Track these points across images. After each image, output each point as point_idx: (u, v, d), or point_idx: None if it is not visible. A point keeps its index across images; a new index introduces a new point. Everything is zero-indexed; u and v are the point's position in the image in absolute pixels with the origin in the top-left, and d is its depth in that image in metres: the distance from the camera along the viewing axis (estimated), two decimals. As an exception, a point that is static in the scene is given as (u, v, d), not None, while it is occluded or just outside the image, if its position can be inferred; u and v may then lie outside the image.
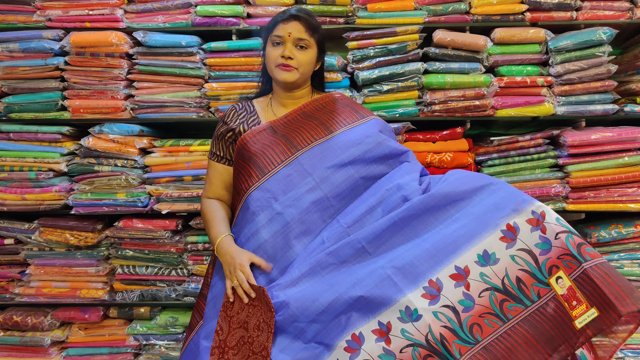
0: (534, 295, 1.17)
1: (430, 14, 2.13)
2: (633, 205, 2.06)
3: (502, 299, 1.18)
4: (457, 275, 1.20)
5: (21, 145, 2.17)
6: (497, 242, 1.21)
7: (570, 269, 1.15)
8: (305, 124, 1.54)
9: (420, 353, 1.16)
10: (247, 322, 1.29)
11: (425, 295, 1.19)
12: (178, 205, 2.15)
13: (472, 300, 1.18)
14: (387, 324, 1.19)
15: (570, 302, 1.13)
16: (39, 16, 2.15)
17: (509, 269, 1.19)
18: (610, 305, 1.08)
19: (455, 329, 1.17)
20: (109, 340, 2.25)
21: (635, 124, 2.10)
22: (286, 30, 1.50)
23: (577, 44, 2.03)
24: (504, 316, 1.17)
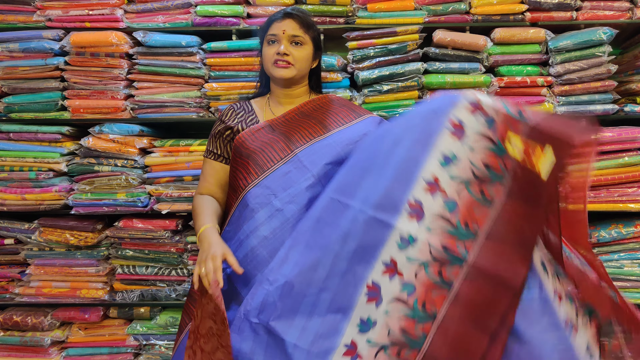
0: (502, 169, 1.19)
1: (430, 14, 2.13)
2: (633, 205, 2.06)
3: (480, 186, 1.19)
4: (430, 186, 1.21)
5: (21, 145, 2.17)
6: (450, 142, 1.23)
7: (519, 129, 1.18)
8: (303, 122, 1.55)
9: (432, 269, 1.17)
10: (215, 314, 1.25)
11: (411, 217, 1.20)
12: (178, 205, 2.15)
13: (454, 201, 1.19)
14: (391, 260, 1.19)
15: (530, 157, 1.15)
16: (39, 16, 2.15)
17: (472, 158, 1.21)
18: (561, 141, 1.11)
19: (452, 232, 1.18)
20: (109, 340, 2.25)
21: (635, 124, 2.10)
22: (280, 28, 1.52)
23: (577, 44, 2.03)
24: (488, 200, 1.18)
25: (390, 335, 1.17)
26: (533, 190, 1.15)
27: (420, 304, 1.17)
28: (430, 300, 1.16)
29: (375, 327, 1.18)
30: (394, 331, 1.17)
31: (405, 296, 1.18)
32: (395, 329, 1.17)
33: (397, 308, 1.18)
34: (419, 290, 1.17)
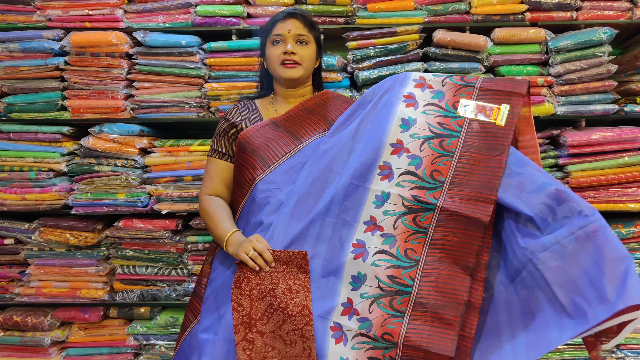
0: (457, 127, 1.34)
1: (430, 14, 2.13)
2: (633, 205, 2.06)
3: (439, 141, 1.34)
4: (395, 149, 1.35)
5: (21, 145, 2.17)
6: (405, 109, 1.38)
7: (468, 95, 1.37)
8: (307, 118, 1.56)
9: (407, 219, 1.30)
10: (274, 289, 1.29)
11: (383, 177, 1.34)
12: (178, 205, 2.15)
13: (417, 157, 1.34)
14: (371, 217, 1.33)
15: (485, 113, 1.33)
16: (39, 16, 2.15)
17: (428, 119, 1.36)
18: (511, 94, 1.35)
19: (420, 185, 1.31)
20: (109, 340, 2.25)
21: (635, 124, 2.10)
22: (285, 27, 1.52)
23: (577, 44, 2.03)
24: (448, 152, 1.33)
25: (380, 285, 1.27)
26: (490, 138, 1.30)
27: (402, 252, 1.29)
28: (411, 247, 1.29)
29: (366, 280, 1.29)
30: (383, 280, 1.28)
31: (387, 247, 1.30)
32: (383, 278, 1.28)
33: (382, 258, 1.29)
34: (399, 240, 1.30)
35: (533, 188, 1.22)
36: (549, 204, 1.19)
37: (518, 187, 1.24)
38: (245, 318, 1.29)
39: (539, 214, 1.20)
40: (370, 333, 1.25)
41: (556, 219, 1.18)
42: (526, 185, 1.23)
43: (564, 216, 1.17)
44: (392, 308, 1.26)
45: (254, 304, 1.30)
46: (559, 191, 1.19)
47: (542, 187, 1.21)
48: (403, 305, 1.25)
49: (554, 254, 1.15)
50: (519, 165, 1.27)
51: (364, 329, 1.26)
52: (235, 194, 1.56)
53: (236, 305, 1.30)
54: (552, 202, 1.19)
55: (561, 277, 1.14)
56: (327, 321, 1.28)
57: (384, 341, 1.24)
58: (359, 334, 1.26)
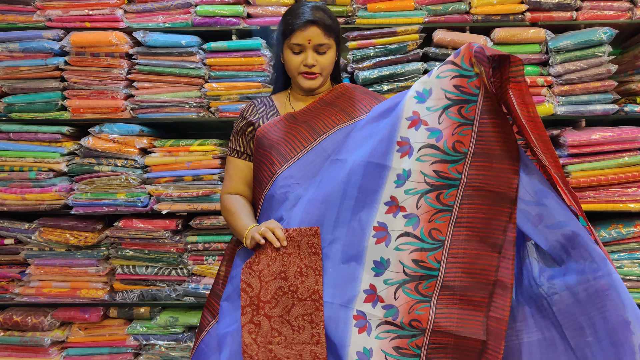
0: (474, 89, 1.23)
1: (430, 14, 2.13)
2: (633, 205, 2.06)
3: (458, 108, 1.24)
4: (412, 121, 1.27)
5: (21, 145, 2.17)
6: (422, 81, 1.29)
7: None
8: (326, 110, 1.52)
9: (431, 197, 1.23)
10: (285, 271, 1.26)
11: (402, 154, 1.26)
12: (178, 205, 2.15)
13: (437, 129, 1.25)
14: (392, 197, 1.26)
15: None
16: (39, 16, 2.15)
17: (443, 85, 1.26)
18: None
19: (442, 158, 1.23)
20: (109, 340, 2.25)
21: (635, 124, 2.10)
22: (305, 37, 1.46)
23: (577, 44, 2.03)
24: (468, 119, 1.23)
25: (405, 271, 1.22)
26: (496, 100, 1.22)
27: (426, 233, 1.23)
28: (436, 227, 1.22)
29: (390, 265, 1.23)
30: (408, 265, 1.22)
31: (411, 229, 1.24)
32: (408, 263, 1.22)
33: (406, 242, 1.23)
34: (423, 220, 1.23)
35: (551, 224, 1.18)
36: (563, 244, 1.17)
37: (537, 218, 1.19)
38: (254, 299, 1.25)
39: (553, 250, 1.18)
40: (397, 320, 1.21)
41: (570, 259, 1.16)
42: (545, 218, 1.19)
43: (577, 260, 1.15)
44: (419, 293, 1.21)
45: (264, 285, 1.26)
46: (574, 234, 1.15)
47: (559, 225, 1.17)
48: (430, 289, 1.21)
49: (564, 299, 1.14)
50: (543, 195, 1.20)
51: (390, 317, 1.21)
52: (255, 190, 1.54)
53: (245, 285, 1.26)
54: (566, 243, 1.16)
55: (571, 322, 1.14)
56: (349, 310, 1.24)
57: (412, 328, 1.20)
58: (385, 322, 1.22)
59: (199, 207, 2.15)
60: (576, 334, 1.13)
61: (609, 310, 1.09)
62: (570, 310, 1.14)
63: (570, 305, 1.14)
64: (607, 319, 1.09)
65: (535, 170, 1.23)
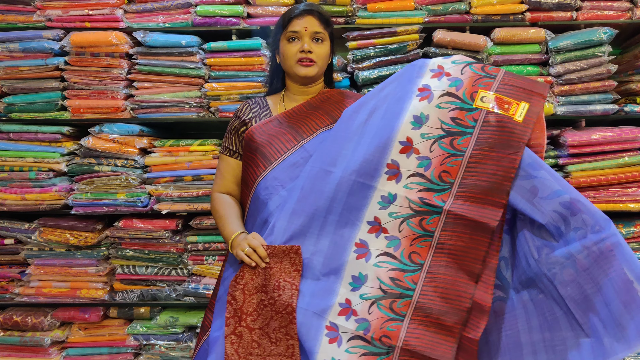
0: (471, 122, 1.26)
1: (430, 14, 2.13)
2: (633, 205, 2.06)
3: (451, 140, 1.27)
4: (404, 147, 1.29)
5: (21, 145, 2.17)
6: (418, 104, 1.30)
7: (487, 86, 1.28)
8: (310, 114, 1.55)
9: (413, 222, 1.27)
10: (265, 285, 1.29)
11: (390, 177, 1.29)
12: (178, 205, 2.15)
13: (427, 158, 1.28)
14: (375, 218, 1.29)
15: (503, 107, 1.25)
16: (39, 16, 2.15)
17: (441, 116, 1.28)
18: (532, 93, 1.27)
19: (428, 187, 1.27)
20: (109, 340, 2.25)
21: (635, 124, 2.10)
22: (302, 25, 1.50)
23: (577, 44, 2.03)
24: (459, 151, 1.26)
25: (382, 287, 1.25)
26: (506, 134, 1.23)
27: (406, 255, 1.26)
28: (416, 251, 1.26)
29: (367, 281, 1.26)
30: (385, 282, 1.25)
31: (392, 250, 1.27)
32: (385, 280, 1.25)
33: (385, 261, 1.27)
34: (404, 243, 1.27)
35: (547, 194, 1.17)
36: (562, 213, 1.16)
37: (531, 192, 1.19)
38: (237, 312, 1.29)
39: (551, 222, 1.17)
40: (367, 335, 1.23)
41: (569, 229, 1.15)
42: (540, 190, 1.18)
43: (578, 227, 1.14)
44: (393, 311, 1.24)
45: (247, 298, 1.30)
46: (573, 201, 1.15)
47: (556, 194, 1.16)
48: (404, 308, 1.23)
49: (567, 270, 1.13)
50: (533, 168, 1.21)
51: (362, 330, 1.24)
52: (242, 192, 1.55)
53: (230, 298, 1.30)
54: (565, 212, 1.15)
55: (576, 294, 1.12)
56: (322, 319, 1.26)
57: (382, 345, 1.22)
58: (356, 337, 1.24)
59: (199, 207, 2.15)
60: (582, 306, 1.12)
61: (616, 270, 1.08)
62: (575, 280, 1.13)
63: (575, 275, 1.12)
64: (614, 280, 1.07)
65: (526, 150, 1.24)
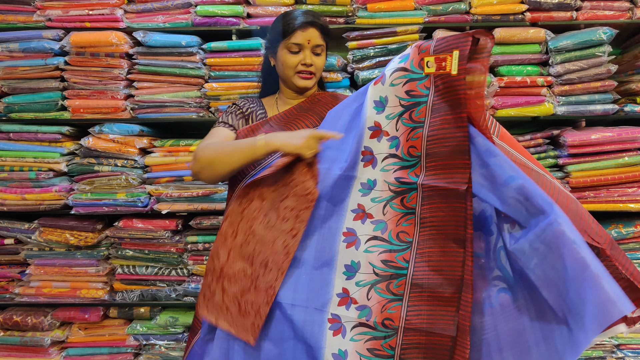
0: (423, 90, 1.28)
1: (430, 14, 2.13)
2: (633, 205, 2.06)
3: (409, 113, 1.29)
4: (374, 132, 1.32)
5: (21, 145, 2.17)
6: (374, 88, 1.32)
7: (427, 49, 1.28)
8: (301, 116, 1.57)
9: (396, 202, 1.29)
10: (253, 256, 1.30)
11: (366, 163, 1.32)
12: (178, 205, 2.15)
13: (395, 137, 1.30)
14: (359, 205, 1.31)
15: (441, 65, 1.26)
16: (39, 16, 2.15)
17: (397, 92, 1.30)
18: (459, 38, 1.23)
19: (402, 165, 1.29)
20: (109, 340, 2.25)
21: (635, 124, 2.10)
22: (305, 37, 1.51)
23: (577, 44, 2.03)
24: (418, 122, 1.28)
25: (375, 271, 1.26)
26: (450, 93, 1.24)
27: (394, 235, 1.28)
28: (403, 230, 1.27)
29: (360, 267, 1.28)
30: (377, 266, 1.26)
31: (379, 233, 1.29)
32: (377, 263, 1.27)
33: (375, 244, 1.28)
34: (390, 224, 1.28)
35: (503, 180, 1.17)
36: (518, 199, 1.15)
37: (491, 180, 1.19)
38: (217, 269, 1.31)
39: (513, 210, 1.16)
40: (370, 321, 1.24)
41: (530, 215, 1.14)
42: (497, 177, 1.18)
43: (534, 212, 1.13)
44: (390, 292, 1.25)
45: (230, 260, 1.31)
46: (522, 187, 1.14)
47: (510, 179, 1.16)
48: (400, 288, 1.24)
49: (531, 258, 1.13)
50: (488, 155, 1.20)
51: (364, 317, 1.25)
52: (229, 192, 1.55)
53: (214, 253, 1.32)
54: (521, 197, 1.14)
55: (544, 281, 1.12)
56: (323, 313, 1.27)
57: (384, 328, 1.23)
58: (359, 324, 1.25)
59: (199, 207, 2.15)
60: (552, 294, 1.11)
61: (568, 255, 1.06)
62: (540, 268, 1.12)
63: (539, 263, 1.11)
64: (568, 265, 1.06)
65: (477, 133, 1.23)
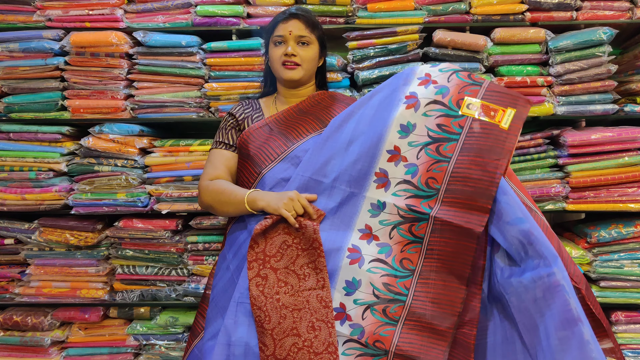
0: (457, 128, 1.28)
1: (430, 14, 2.13)
2: (633, 205, 2.06)
3: (437, 146, 1.29)
4: (392, 156, 1.31)
5: (21, 145, 2.16)
6: (405, 112, 1.32)
7: (473, 93, 1.30)
8: (300, 119, 1.56)
9: (403, 228, 1.29)
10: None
11: (379, 185, 1.31)
12: (178, 205, 2.15)
13: (414, 165, 1.30)
14: (366, 226, 1.31)
15: (489, 114, 1.27)
16: (39, 16, 2.15)
17: (427, 123, 1.30)
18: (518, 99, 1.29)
19: (416, 194, 1.29)
20: (109, 340, 2.25)
21: (635, 124, 2.10)
22: (287, 29, 1.53)
23: (577, 44, 2.03)
24: (445, 157, 1.27)
25: (374, 292, 1.26)
26: (491, 140, 1.25)
27: (398, 262, 1.28)
28: (407, 257, 1.27)
29: (361, 286, 1.27)
30: (378, 287, 1.26)
31: (383, 257, 1.28)
32: (378, 285, 1.26)
33: (378, 267, 1.28)
34: (395, 249, 1.28)
35: (510, 219, 1.20)
36: (521, 241, 1.18)
37: (497, 215, 1.22)
38: (260, 254, 1.31)
39: (512, 248, 1.19)
40: (362, 340, 1.24)
41: (528, 257, 1.17)
42: (504, 214, 1.21)
43: (533, 257, 1.16)
44: (386, 316, 1.24)
45: (269, 241, 1.32)
46: (529, 232, 1.17)
47: (517, 221, 1.19)
48: (397, 313, 1.24)
49: (520, 298, 1.16)
50: (499, 193, 1.23)
51: (356, 336, 1.24)
52: None
53: (252, 243, 1.32)
54: (524, 240, 1.17)
55: (527, 321, 1.16)
56: None
57: (375, 349, 1.23)
58: (350, 340, 1.25)
59: (199, 207, 2.15)
60: (531, 334, 1.15)
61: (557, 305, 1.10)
62: (526, 308, 1.15)
63: (527, 304, 1.15)
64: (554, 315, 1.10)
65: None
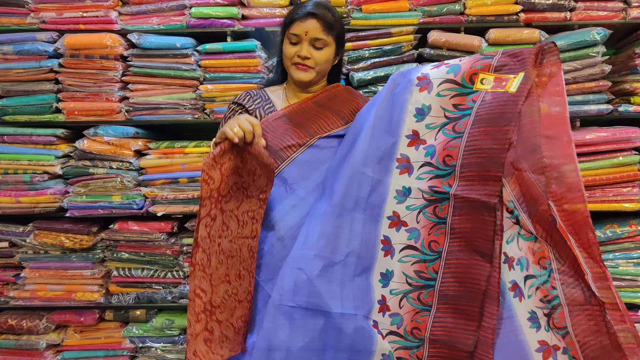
0: (470, 104, 1.28)
1: (425, 15, 2.14)
2: (628, 205, 2.07)
3: (452, 125, 1.29)
4: (412, 140, 1.32)
5: (16, 147, 2.16)
6: (418, 94, 1.32)
7: (485, 67, 1.29)
8: (320, 113, 1.54)
9: (428, 211, 1.30)
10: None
11: (402, 170, 1.32)
12: (173, 207, 2.15)
13: (433, 146, 1.30)
14: (394, 213, 1.32)
15: (501, 85, 1.25)
16: (32, 18, 2.14)
17: (443, 103, 1.30)
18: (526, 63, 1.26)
19: (436, 174, 1.29)
20: (104, 343, 2.24)
21: (629, 124, 2.11)
22: (303, 29, 1.47)
23: (571, 44, 2.04)
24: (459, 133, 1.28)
25: (407, 281, 1.28)
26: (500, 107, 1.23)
27: (426, 245, 1.29)
28: (434, 239, 1.29)
29: (394, 276, 1.30)
30: (410, 276, 1.29)
31: (413, 242, 1.30)
32: (410, 274, 1.29)
33: (409, 254, 1.30)
34: (423, 233, 1.29)
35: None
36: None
37: None
38: (214, 192, 1.23)
39: None
40: (400, 329, 1.26)
41: None
42: None
43: None
44: (420, 302, 1.27)
45: (224, 179, 1.24)
46: None
47: None
48: (429, 298, 1.26)
49: None
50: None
51: (395, 325, 1.27)
52: None
53: (207, 177, 1.22)
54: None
55: None
56: (369, 320, 1.28)
57: (413, 338, 1.25)
58: (391, 332, 1.27)
59: (194, 209, 2.14)
60: None
61: None
62: None
63: None
64: None
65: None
